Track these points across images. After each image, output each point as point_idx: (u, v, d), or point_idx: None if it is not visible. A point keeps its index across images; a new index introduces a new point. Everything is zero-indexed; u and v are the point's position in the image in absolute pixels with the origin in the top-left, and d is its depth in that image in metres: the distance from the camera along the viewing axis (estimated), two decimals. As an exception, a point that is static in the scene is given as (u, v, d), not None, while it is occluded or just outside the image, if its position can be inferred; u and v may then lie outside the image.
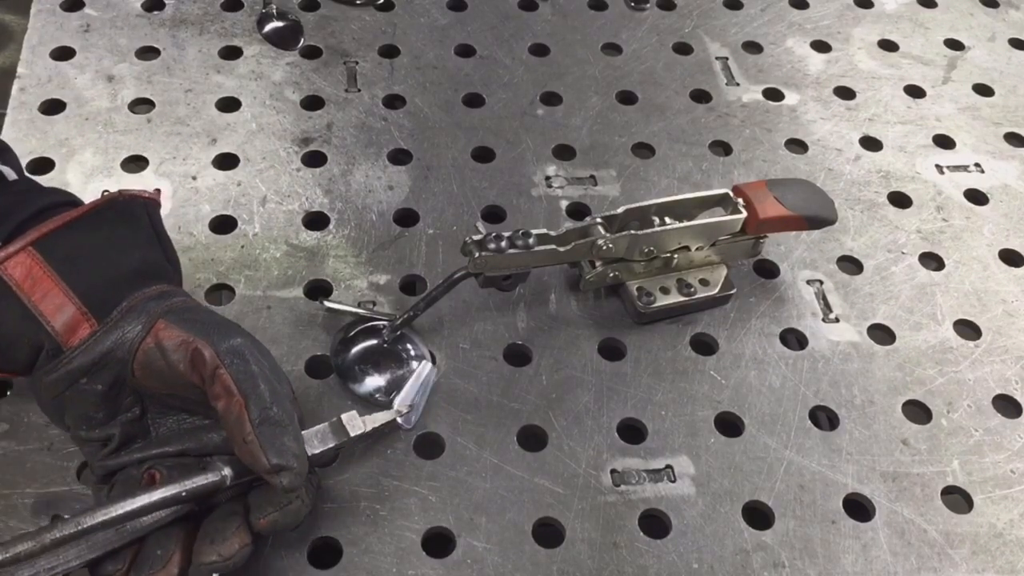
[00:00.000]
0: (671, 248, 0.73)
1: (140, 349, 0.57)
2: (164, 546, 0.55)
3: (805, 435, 0.69)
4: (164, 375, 0.58)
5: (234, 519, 0.56)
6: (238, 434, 0.55)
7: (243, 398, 0.55)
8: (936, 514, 0.66)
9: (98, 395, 0.58)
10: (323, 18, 0.96)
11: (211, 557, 0.54)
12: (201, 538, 0.55)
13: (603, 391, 0.70)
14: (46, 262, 0.58)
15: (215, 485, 0.56)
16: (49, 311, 0.57)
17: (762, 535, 0.64)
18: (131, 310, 0.59)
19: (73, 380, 0.58)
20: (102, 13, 0.93)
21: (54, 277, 0.58)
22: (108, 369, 0.58)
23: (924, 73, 0.97)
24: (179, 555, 0.55)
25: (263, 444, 0.54)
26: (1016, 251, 0.82)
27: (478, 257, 0.67)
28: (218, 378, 0.56)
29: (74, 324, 0.57)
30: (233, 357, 0.56)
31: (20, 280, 0.57)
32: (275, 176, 0.81)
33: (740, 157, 0.87)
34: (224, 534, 0.55)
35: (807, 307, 0.77)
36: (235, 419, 0.55)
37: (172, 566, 0.54)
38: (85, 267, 0.59)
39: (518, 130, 0.87)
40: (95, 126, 0.83)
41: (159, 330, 0.58)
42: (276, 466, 0.54)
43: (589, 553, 0.62)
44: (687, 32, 0.99)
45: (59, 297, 0.58)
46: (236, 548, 0.55)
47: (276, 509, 0.56)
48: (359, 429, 0.62)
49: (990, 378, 0.73)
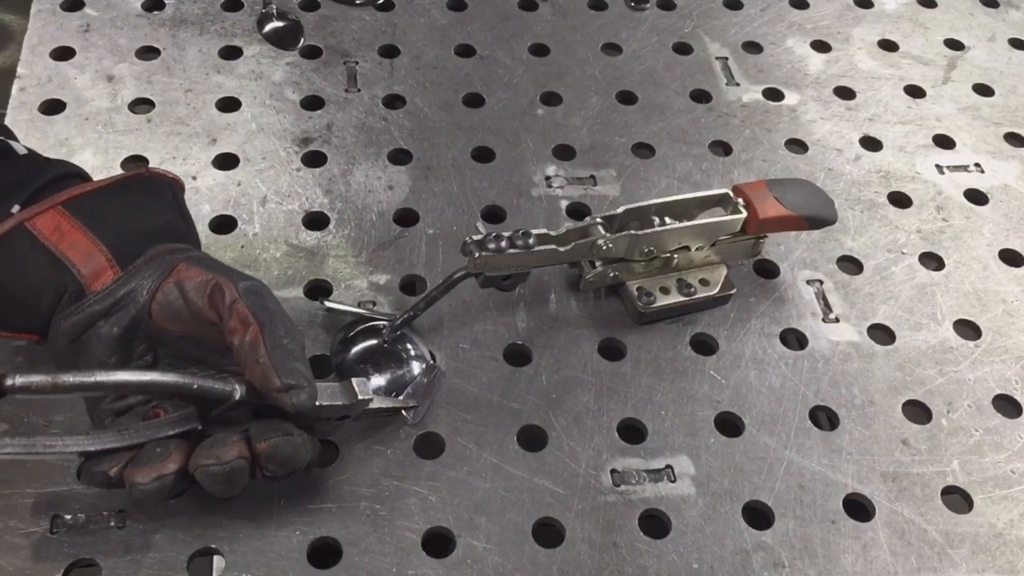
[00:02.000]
0: (671, 248, 0.73)
1: (160, 289, 0.60)
2: (164, 446, 0.56)
3: (805, 435, 0.69)
4: (181, 314, 0.59)
5: (234, 434, 0.56)
6: (251, 357, 0.56)
7: (259, 327, 0.57)
8: (936, 514, 0.66)
9: (113, 338, 0.59)
10: (323, 18, 0.96)
11: (209, 460, 0.55)
12: (200, 447, 0.56)
13: (603, 391, 0.70)
14: (75, 219, 0.61)
15: (225, 394, 0.57)
16: (76, 258, 0.60)
17: (762, 535, 0.64)
18: (153, 258, 0.61)
19: (91, 322, 0.59)
20: (102, 13, 0.93)
21: (82, 230, 0.60)
22: (125, 311, 0.59)
23: (924, 73, 0.97)
24: (178, 455, 0.55)
25: (275, 365, 0.56)
26: (1016, 251, 0.82)
27: (478, 257, 0.67)
28: (235, 311, 0.57)
29: (100, 270, 0.60)
30: (250, 293, 0.58)
31: (48, 233, 0.60)
32: (275, 176, 0.81)
33: (740, 157, 0.87)
34: (223, 442, 0.56)
35: (807, 307, 0.77)
36: (250, 344, 0.56)
37: (170, 462, 0.55)
38: (112, 224, 0.62)
39: (518, 130, 0.87)
40: (95, 126, 0.83)
41: (180, 270, 0.60)
42: (287, 384, 0.56)
43: (589, 553, 0.62)
44: (687, 32, 0.99)
45: (87, 246, 0.60)
46: (234, 454, 0.55)
47: (278, 435, 0.56)
48: (367, 396, 0.61)
49: (990, 378, 0.73)
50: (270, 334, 0.57)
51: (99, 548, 0.59)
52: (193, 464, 0.55)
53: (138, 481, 0.54)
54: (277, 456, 0.56)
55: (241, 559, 0.60)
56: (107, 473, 0.55)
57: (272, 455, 0.56)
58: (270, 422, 0.58)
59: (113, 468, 0.55)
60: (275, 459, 0.56)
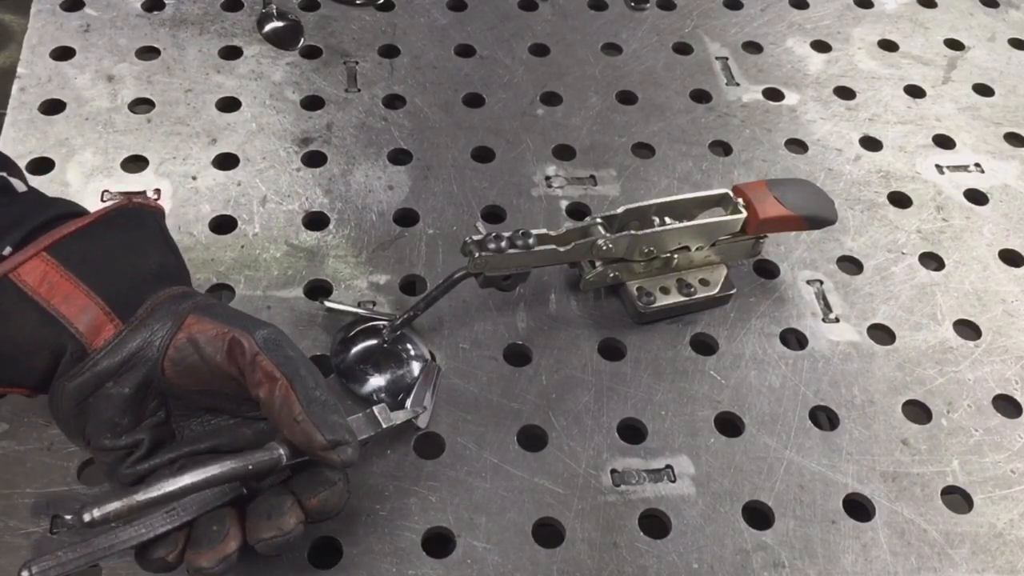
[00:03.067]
0: (671, 248, 0.73)
1: (172, 345, 0.57)
2: (220, 523, 0.55)
3: (805, 435, 0.69)
4: (198, 370, 0.57)
5: (287, 497, 0.56)
6: (287, 415, 0.55)
7: (288, 381, 0.55)
8: (936, 514, 0.66)
9: (124, 399, 0.56)
10: (323, 18, 0.96)
11: (271, 532, 0.54)
12: (256, 516, 0.55)
13: (603, 391, 0.70)
14: (62, 266, 0.57)
15: (274, 462, 0.56)
16: (71, 313, 0.56)
17: (762, 535, 0.64)
18: (156, 308, 0.58)
19: (99, 383, 0.56)
20: (102, 13, 0.93)
21: (73, 280, 0.57)
22: (136, 370, 0.56)
23: (924, 73, 0.97)
24: (236, 530, 0.54)
25: (316, 423, 0.55)
26: (1016, 251, 0.82)
27: (478, 257, 0.67)
28: (258, 365, 0.56)
29: (98, 324, 0.56)
30: (270, 345, 0.57)
31: (35, 285, 0.56)
32: (275, 176, 0.81)
33: (740, 157, 0.87)
34: (280, 510, 0.55)
35: (807, 307, 0.77)
36: (282, 401, 0.55)
37: (231, 540, 0.54)
38: (103, 269, 0.58)
39: (518, 130, 0.87)
40: (95, 126, 0.83)
41: (191, 324, 0.57)
42: (332, 442, 0.55)
43: (589, 553, 0.62)
44: (687, 32, 0.99)
45: (80, 299, 0.56)
46: (294, 523, 0.55)
47: (325, 488, 0.56)
48: (390, 422, 0.62)
49: (990, 378, 0.73)
50: (301, 388, 0.55)
51: (99, 548, 0.59)
52: (255, 538, 0.54)
53: (204, 566, 0.53)
54: (326, 509, 0.56)
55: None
56: (166, 559, 0.54)
57: (322, 509, 0.56)
58: (311, 473, 0.57)
59: (171, 554, 0.54)
60: (324, 512, 0.57)
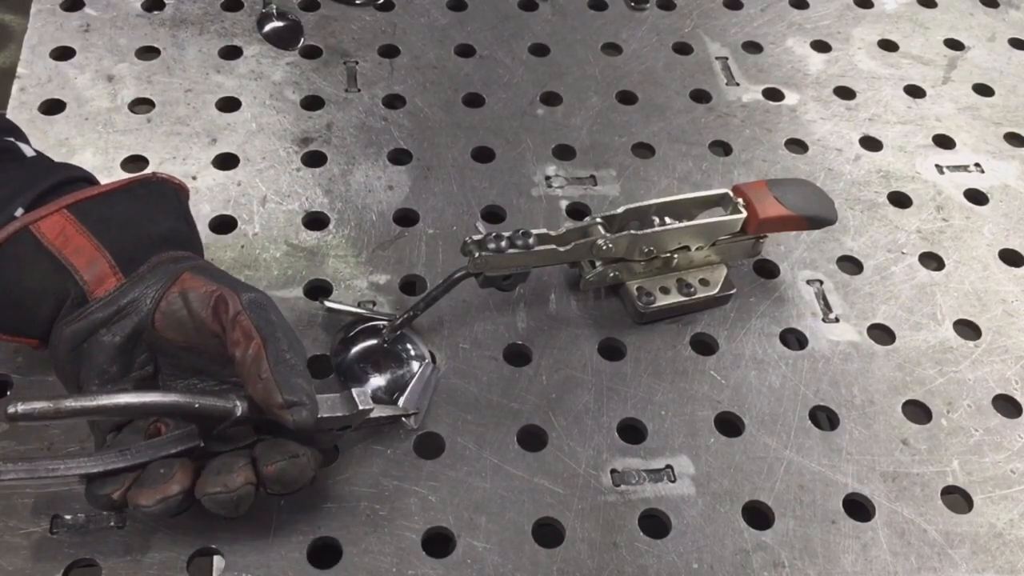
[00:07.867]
0: (671, 248, 0.73)
1: (164, 298, 0.59)
2: (168, 467, 0.55)
3: (805, 435, 0.69)
4: (184, 324, 0.59)
5: (241, 458, 0.56)
6: (254, 372, 0.56)
7: (262, 341, 0.56)
8: (936, 514, 0.66)
9: (115, 347, 0.59)
10: (323, 18, 0.96)
11: (216, 487, 0.54)
12: (206, 472, 0.56)
13: (603, 391, 0.70)
14: (80, 223, 0.60)
15: (226, 411, 0.57)
16: (80, 263, 0.59)
17: (762, 535, 0.64)
18: (157, 266, 0.61)
19: (93, 330, 0.58)
20: (102, 13, 0.93)
21: (87, 235, 0.60)
22: (128, 319, 0.59)
23: (924, 73, 0.97)
24: (183, 476, 0.55)
25: (278, 381, 0.55)
26: (1016, 251, 0.82)
27: (478, 257, 0.67)
28: (239, 324, 0.57)
29: (103, 276, 0.59)
30: (254, 306, 0.58)
31: (52, 237, 0.59)
32: (275, 176, 0.81)
33: (740, 157, 0.87)
34: (230, 467, 0.55)
35: (807, 307, 0.77)
36: (253, 359, 0.56)
37: (174, 483, 0.55)
38: (116, 230, 0.61)
39: (518, 130, 0.87)
40: (95, 126, 0.83)
41: (185, 279, 0.60)
42: (289, 401, 0.55)
43: (589, 553, 0.62)
44: (687, 32, 0.99)
45: (90, 252, 0.59)
46: (240, 482, 0.55)
47: (284, 458, 0.56)
48: (367, 406, 0.61)
49: (990, 378, 0.73)
50: (273, 349, 0.56)
51: (99, 548, 0.59)
52: (200, 491, 0.55)
53: (142, 503, 0.54)
54: (283, 479, 0.56)
55: (241, 559, 0.60)
56: (111, 496, 0.55)
57: (278, 478, 0.56)
58: (274, 442, 0.57)
59: (117, 491, 0.55)
60: (281, 481, 0.57)
